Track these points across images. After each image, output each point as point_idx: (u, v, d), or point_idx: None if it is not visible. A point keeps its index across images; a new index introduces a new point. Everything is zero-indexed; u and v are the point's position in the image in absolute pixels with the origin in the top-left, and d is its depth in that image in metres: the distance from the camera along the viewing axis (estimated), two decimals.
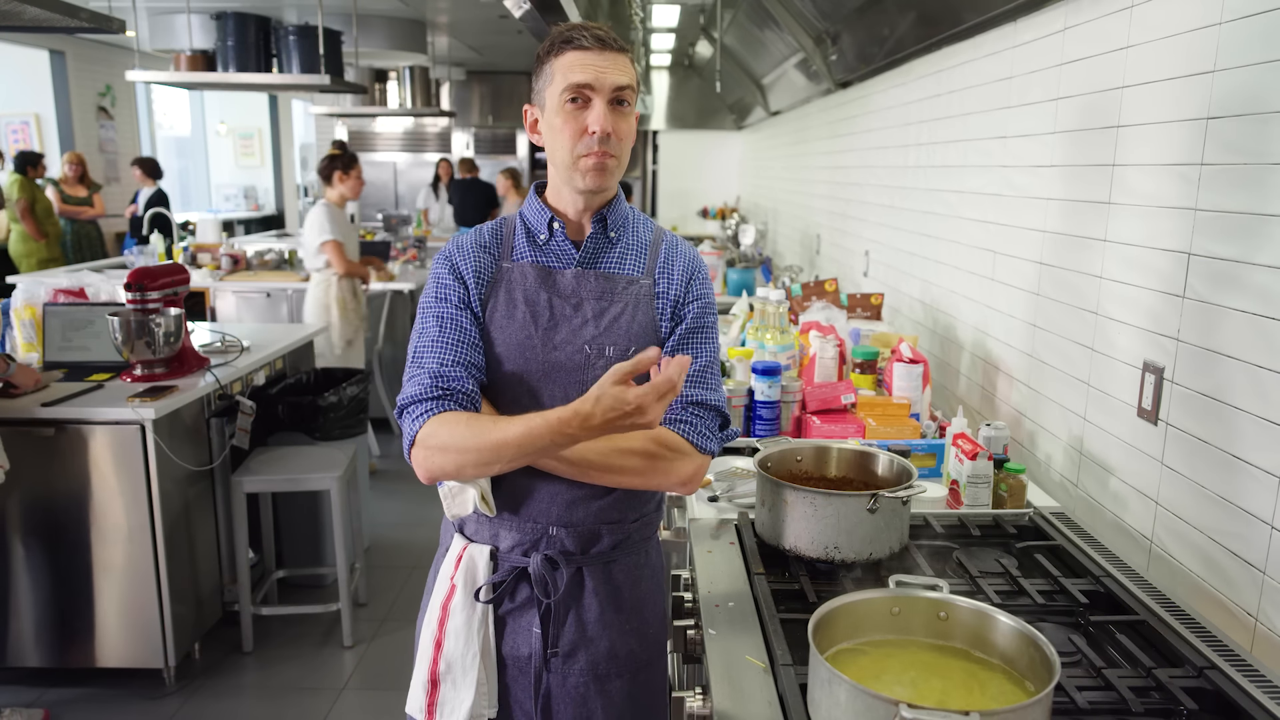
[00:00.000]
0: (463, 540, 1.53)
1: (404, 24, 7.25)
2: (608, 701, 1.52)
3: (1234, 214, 1.42)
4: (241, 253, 6.12)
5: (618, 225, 1.51)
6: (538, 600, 1.48)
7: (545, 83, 1.43)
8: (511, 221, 1.54)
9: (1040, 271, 2.12)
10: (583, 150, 1.41)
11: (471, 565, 1.50)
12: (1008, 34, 2.35)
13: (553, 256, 1.49)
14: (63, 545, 2.87)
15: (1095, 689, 1.23)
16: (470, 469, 1.37)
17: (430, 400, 1.39)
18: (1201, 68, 1.50)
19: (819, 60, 4.17)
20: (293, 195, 13.60)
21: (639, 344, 1.46)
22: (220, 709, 2.91)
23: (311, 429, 3.48)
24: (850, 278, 4.12)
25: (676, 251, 1.53)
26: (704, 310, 1.51)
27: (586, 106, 1.40)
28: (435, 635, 1.50)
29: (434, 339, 1.43)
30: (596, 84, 1.39)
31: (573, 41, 1.40)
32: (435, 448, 1.36)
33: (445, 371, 1.40)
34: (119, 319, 2.96)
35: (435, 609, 1.51)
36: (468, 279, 1.47)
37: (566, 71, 1.40)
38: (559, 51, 1.41)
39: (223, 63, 5.62)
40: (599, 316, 1.46)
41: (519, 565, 1.49)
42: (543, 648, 1.50)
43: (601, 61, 1.40)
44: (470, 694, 1.48)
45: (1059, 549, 1.69)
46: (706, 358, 1.49)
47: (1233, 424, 1.42)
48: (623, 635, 1.52)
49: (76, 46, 9.23)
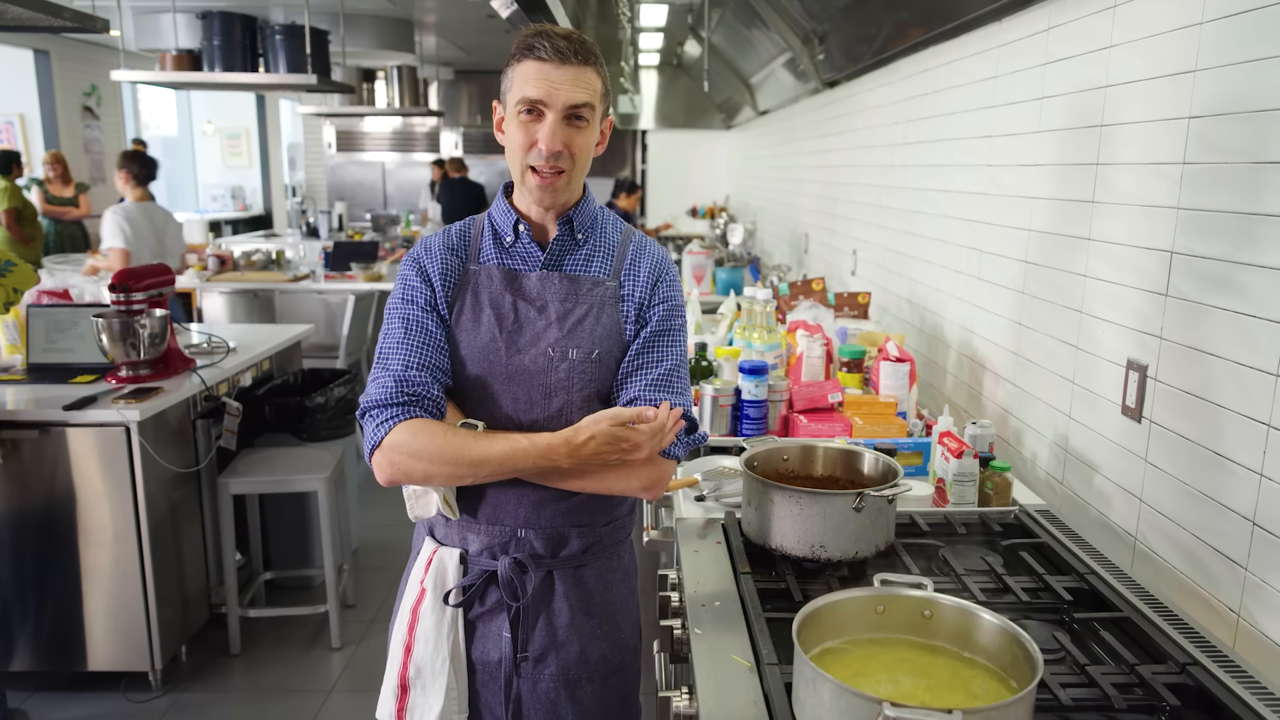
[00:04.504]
0: (433, 543, 1.53)
1: (391, 23, 7.23)
2: (578, 707, 1.50)
3: (1216, 213, 1.43)
4: (228, 253, 6.09)
5: (585, 227, 1.49)
6: (507, 604, 1.47)
7: (507, 86, 1.42)
8: (480, 223, 1.53)
9: (1026, 270, 2.12)
10: (531, 162, 1.41)
11: (441, 569, 1.49)
12: (993, 33, 2.35)
13: (519, 259, 1.48)
14: (48, 548, 2.85)
15: (1079, 686, 1.23)
16: (440, 479, 1.38)
17: (395, 406, 1.38)
18: (1183, 67, 1.51)
19: (806, 60, 4.18)
20: (281, 196, 13.54)
21: (603, 347, 1.44)
22: (207, 712, 2.90)
23: (299, 430, 3.46)
24: (838, 277, 4.13)
25: (644, 253, 1.51)
26: (670, 313, 1.48)
27: (540, 119, 1.39)
28: (405, 640, 1.49)
29: (399, 341, 1.42)
30: (549, 100, 1.37)
31: (533, 51, 1.38)
32: (407, 454, 1.35)
33: (410, 376, 1.39)
34: (103, 320, 2.95)
35: (405, 613, 1.51)
36: (435, 281, 1.46)
37: (522, 83, 1.38)
38: (520, 58, 1.39)
39: (208, 62, 5.58)
40: (563, 319, 1.44)
41: (488, 568, 1.48)
42: (513, 652, 1.48)
43: (558, 76, 1.37)
44: (440, 699, 1.47)
45: (1044, 546, 1.70)
46: (672, 361, 1.46)
47: (1216, 421, 1.43)
48: (594, 640, 1.51)
49: (61, 46, 9.17)
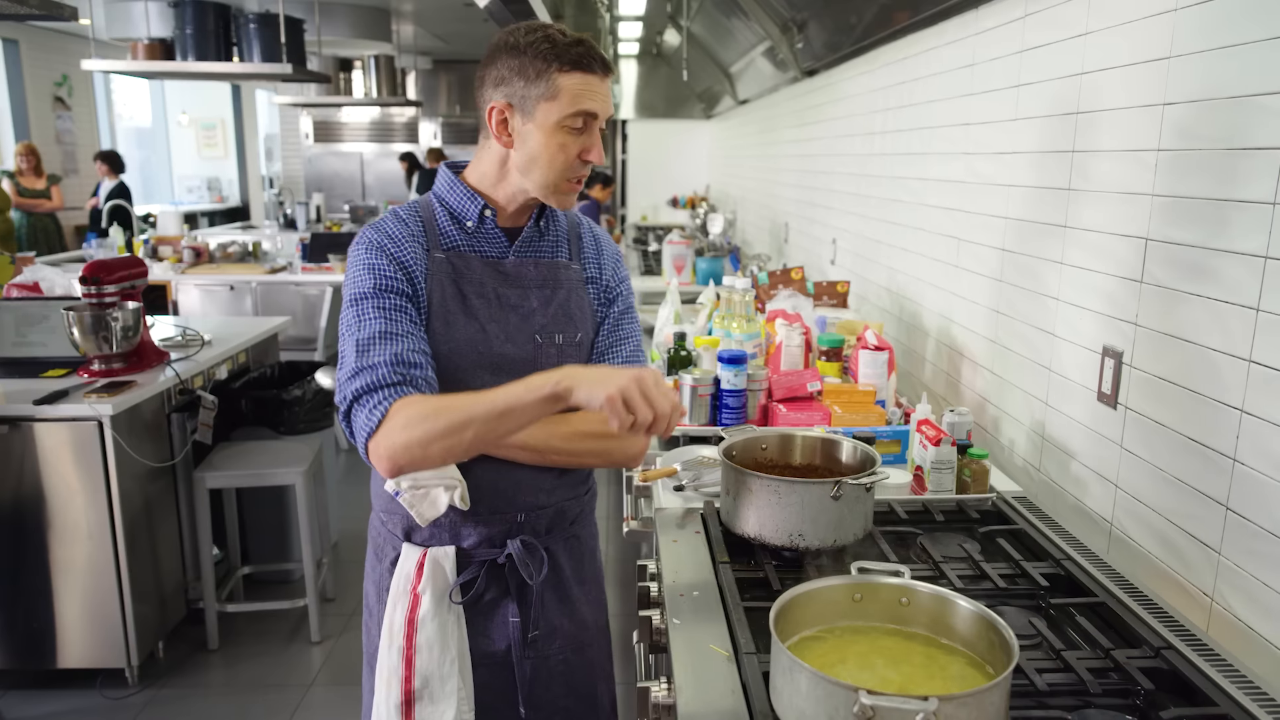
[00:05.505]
0: (415, 549, 1.48)
1: (367, 11, 7.15)
2: (586, 670, 1.62)
3: (1191, 199, 1.43)
4: (204, 245, 6.02)
5: (546, 215, 1.52)
6: (513, 588, 1.50)
7: (542, 93, 1.36)
8: (429, 206, 1.47)
9: (1003, 258, 2.13)
10: (577, 174, 1.41)
11: (437, 570, 1.46)
12: (969, 21, 2.35)
13: (484, 244, 1.46)
14: (20, 545, 2.80)
15: (1054, 671, 1.24)
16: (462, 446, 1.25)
17: (389, 387, 1.29)
18: (1158, 54, 1.51)
19: (786, 48, 4.17)
20: (257, 187, 13.40)
21: (584, 329, 1.49)
22: (185, 708, 2.87)
23: (276, 423, 3.43)
24: (818, 266, 4.13)
25: (596, 236, 1.59)
26: (629, 292, 1.60)
27: (584, 132, 1.39)
28: (404, 653, 1.45)
29: (381, 331, 1.34)
30: (602, 115, 1.39)
31: (583, 65, 1.36)
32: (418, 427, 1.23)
33: (405, 358, 1.32)
34: (74, 313, 2.90)
35: (397, 627, 1.46)
36: (411, 270, 1.40)
37: (579, 95, 1.36)
38: (567, 69, 1.35)
39: (181, 51, 5.50)
40: (546, 304, 1.46)
41: (487, 558, 1.48)
42: (521, 635, 1.51)
43: (602, 89, 1.39)
44: (453, 705, 1.46)
45: (1021, 533, 1.71)
46: (637, 336, 1.57)
47: (1189, 407, 1.43)
48: (588, 604, 1.62)
49: (30, 35, 9.01)
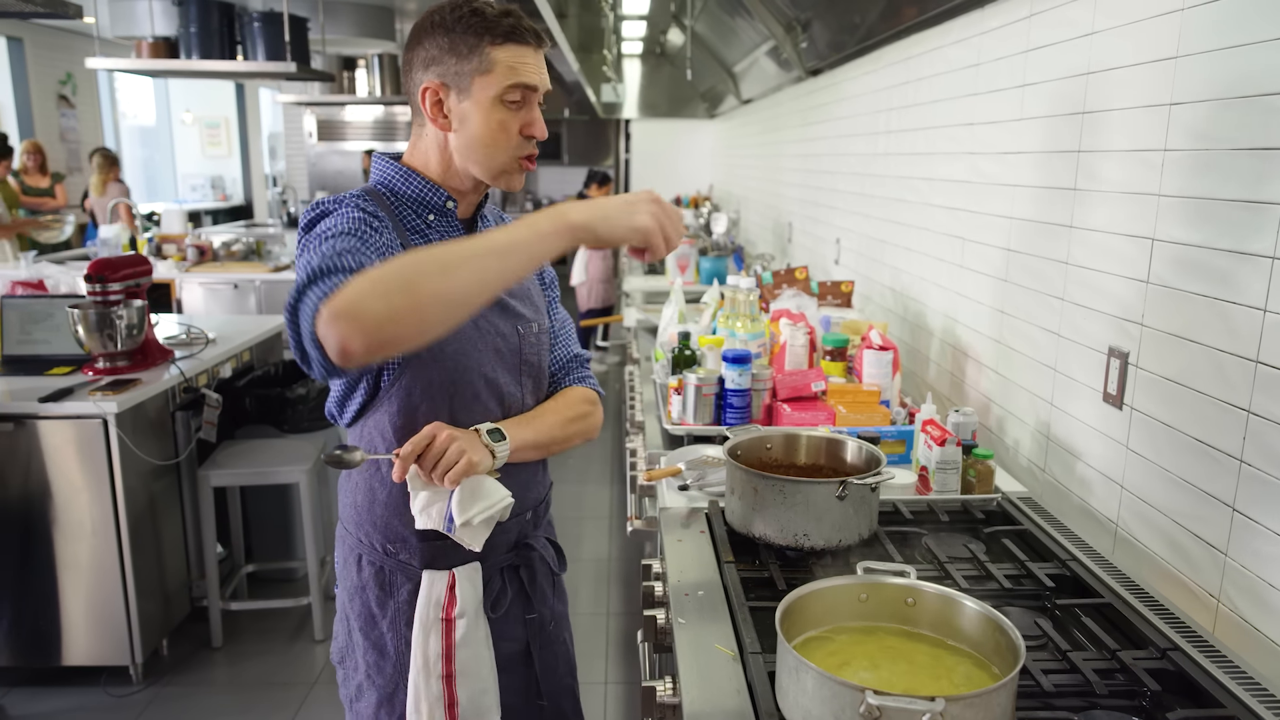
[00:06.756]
0: (441, 574, 1.43)
1: (372, 10, 7.15)
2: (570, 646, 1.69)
3: (1197, 200, 1.43)
4: (208, 243, 6.02)
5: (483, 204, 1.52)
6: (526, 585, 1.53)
7: (475, 68, 1.31)
8: (381, 198, 1.38)
9: (1008, 258, 2.13)
10: (525, 151, 1.37)
11: (466, 589, 1.44)
12: (975, 20, 2.35)
13: (441, 235, 1.41)
14: (25, 542, 2.81)
15: (1060, 672, 1.23)
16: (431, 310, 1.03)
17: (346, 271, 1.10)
18: (1165, 53, 1.51)
19: (790, 48, 4.16)
20: (261, 185, 13.41)
21: (543, 317, 1.54)
22: (189, 705, 2.88)
23: (280, 421, 3.44)
24: (822, 265, 4.13)
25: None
26: (554, 277, 1.65)
27: (522, 107, 1.35)
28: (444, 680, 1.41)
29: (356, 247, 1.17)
30: (540, 86, 1.36)
31: (515, 36, 1.32)
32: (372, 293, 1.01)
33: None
34: (79, 311, 2.91)
35: (433, 655, 1.41)
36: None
37: (514, 68, 1.32)
38: (500, 42, 1.32)
39: (185, 50, 5.50)
40: (515, 295, 1.47)
41: (505, 564, 1.50)
42: (540, 628, 1.56)
43: (538, 61, 1.36)
44: (496, 714, 1.48)
45: (1026, 533, 1.70)
46: (565, 313, 1.64)
47: (1196, 408, 1.43)
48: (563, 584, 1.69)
49: (35, 33, 9.02)
